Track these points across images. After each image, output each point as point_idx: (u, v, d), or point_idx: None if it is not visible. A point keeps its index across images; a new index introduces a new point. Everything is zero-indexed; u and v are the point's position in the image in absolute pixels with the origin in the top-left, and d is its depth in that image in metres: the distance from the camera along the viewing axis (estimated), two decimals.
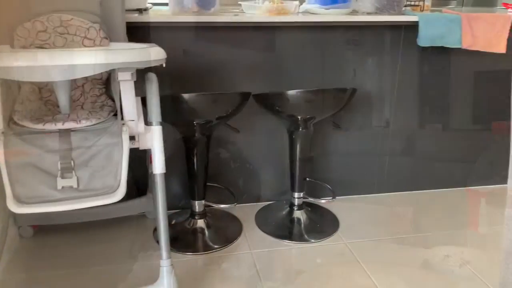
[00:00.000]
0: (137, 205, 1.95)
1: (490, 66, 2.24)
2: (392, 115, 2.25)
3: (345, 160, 2.27)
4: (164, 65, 1.33)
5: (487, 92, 2.29)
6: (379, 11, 1.94)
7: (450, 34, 1.95)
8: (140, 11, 1.87)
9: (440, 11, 2.25)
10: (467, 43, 1.96)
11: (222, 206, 2.00)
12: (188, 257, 1.80)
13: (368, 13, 1.98)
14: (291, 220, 2.07)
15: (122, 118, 1.34)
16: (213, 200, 2.03)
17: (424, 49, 2.12)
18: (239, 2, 2.07)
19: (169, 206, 2.11)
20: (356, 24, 1.99)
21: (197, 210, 1.95)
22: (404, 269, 1.74)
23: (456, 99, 2.27)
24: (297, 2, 1.98)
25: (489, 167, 2.44)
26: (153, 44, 1.36)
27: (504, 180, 2.23)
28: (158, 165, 1.40)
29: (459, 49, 2.03)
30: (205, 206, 1.98)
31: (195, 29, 1.90)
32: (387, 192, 2.38)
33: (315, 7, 1.93)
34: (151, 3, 2.32)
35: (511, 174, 0.84)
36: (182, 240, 1.90)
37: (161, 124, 1.42)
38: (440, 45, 1.96)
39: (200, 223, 1.96)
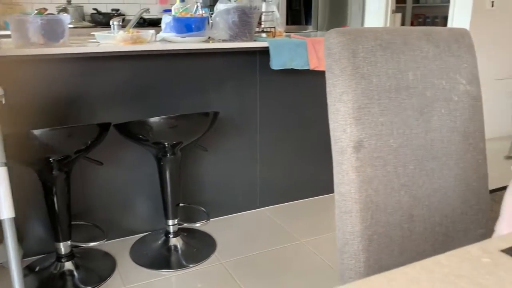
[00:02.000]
0: None
1: None
2: (258, 134, 2.37)
3: (218, 181, 2.32)
4: (3, 102, 1.24)
5: None
6: (232, 38, 2.05)
7: (298, 57, 2.14)
8: None
9: (290, 36, 2.46)
10: (314, 65, 2.16)
11: (91, 244, 1.90)
12: None
13: (224, 40, 2.08)
14: (168, 249, 2.04)
15: None
16: (81, 239, 1.91)
17: (279, 71, 2.29)
18: (91, 33, 2.02)
19: (34, 251, 1.96)
20: (213, 50, 2.08)
21: (63, 253, 1.82)
22: (278, 280, 1.82)
23: (313, 115, 2.48)
24: (153, 31, 2.00)
25: None
26: None
27: None
28: (5, 210, 1.29)
29: (308, 70, 2.23)
30: (73, 246, 1.86)
31: (46, 61, 1.81)
32: (263, 207, 2.49)
33: (171, 35, 1.97)
34: None
35: (336, 181, 0.94)
36: (49, 286, 1.75)
37: (6, 164, 1.32)
38: (290, 67, 2.13)
39: (68, 265, 1.83)
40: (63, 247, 1.81)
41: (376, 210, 0.92)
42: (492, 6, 3.72)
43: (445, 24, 4.08)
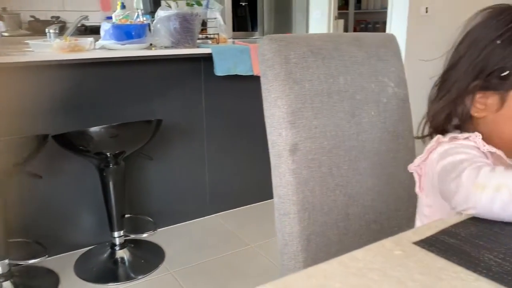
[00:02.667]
0: None
1: None
2: (205, 140, 2.37)
3: (165, 190, 2.29)
4: None
5: None
6: (175, 44, 2.04)
7: (241, 63, 2.16)
8: None
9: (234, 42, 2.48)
10: (257, 71, 2.19)
11: (31, 261, 1.81)
12: None
13: (166, 47, 2.06)
14: (115, 261, 1.99)
15: None
16: (20, 257, 1.82)
17: (224, 77, 2.29)
18: (26, 41, 1.94)
19: None
20: (155, 57, 2.05)
21: (0, 272, 1.72)
22: (228, 286, 1.82)
23: (259, 119, 2.50)
24: (91, 39, 1.96)
25: None
26: None
27: None
28: None
29: (253, 76, 2.26)
30: (11, 265, 1.77)
31: None
32: (213, 214, 2.48)
33: (110, 43, 1.93)
34: None
35: (274, 184, 0.96)
36: None
37: None
38: (234, 73, 2.15)
39: (6, 285, 1.73)
40: (0, 266, 1.71)
41: (313, 210, 0.94)
42: (427, 12, 3.94)
43: (385, 29, 4.26)
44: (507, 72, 0.69)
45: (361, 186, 1.00)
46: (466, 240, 0.49)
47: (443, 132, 0.78)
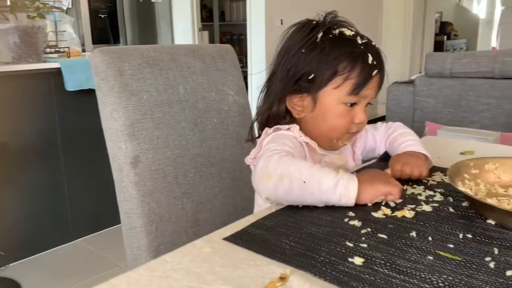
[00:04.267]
0: None
1: None
2: (62, 161, 2.21)
3: (18, 220, 2.08)
4: None
5: None
6: (16, 60, 1.88)
7: None
8: None
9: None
10: None
11: None
12: None
13: (6, 63, 1.89)
14: None
15: None
16: None
17: (78, 92, 2.17)
18: None
19: None
20: None
21: None
22: None
23: None
24: None
25: None
26: None
27: None
28: None
29: None
30: None
31: None
32: (78, 238, 2.31)
33: None
34: None
35: (118, 199, 0.94)
36: None
37: None
38: (88, 88, 2.05)
39: None
40: None
41: (161, 221, 0.94)
42: (282, 23, 4.22)
43: None
44: (312, 76, 0.78)
45: (208, 192, 1.04)
46: (270, 229, 0.54)
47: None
